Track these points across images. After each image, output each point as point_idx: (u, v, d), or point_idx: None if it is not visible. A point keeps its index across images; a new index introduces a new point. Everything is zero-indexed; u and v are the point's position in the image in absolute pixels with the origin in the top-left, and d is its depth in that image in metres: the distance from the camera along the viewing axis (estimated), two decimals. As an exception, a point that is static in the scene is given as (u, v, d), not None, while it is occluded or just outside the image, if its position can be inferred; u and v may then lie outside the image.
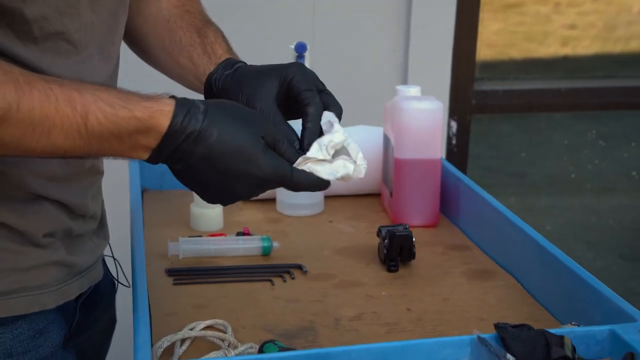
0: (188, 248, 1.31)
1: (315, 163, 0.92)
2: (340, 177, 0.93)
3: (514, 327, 0.90)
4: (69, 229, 1.03)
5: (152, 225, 1.39)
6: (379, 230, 1.31)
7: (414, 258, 1.29)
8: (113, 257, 1.23)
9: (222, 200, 0.94)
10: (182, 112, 0.87)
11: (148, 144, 0.88)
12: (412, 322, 1.11)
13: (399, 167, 1.45)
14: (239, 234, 1.38)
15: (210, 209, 1.42)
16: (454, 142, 2.37)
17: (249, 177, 0.89)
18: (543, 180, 2.91)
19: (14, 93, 0.82)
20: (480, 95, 2.43)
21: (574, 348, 0.86)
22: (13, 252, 0.97)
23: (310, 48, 1.48)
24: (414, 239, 1.28)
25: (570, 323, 1.02)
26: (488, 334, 0.90)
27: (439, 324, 1.11)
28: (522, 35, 2.78)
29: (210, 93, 1.07)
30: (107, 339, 1.27)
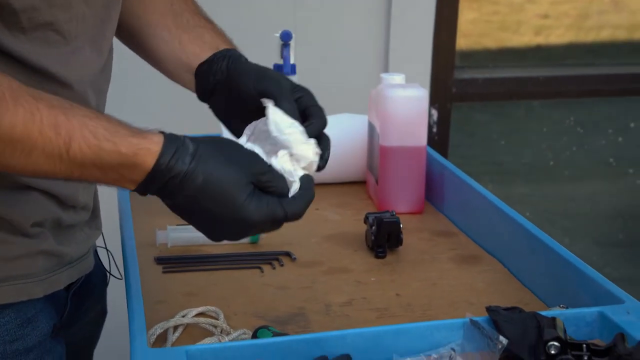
0: (176, 236, 1.31)
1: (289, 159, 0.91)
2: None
3: (506, 309, 0.91)
4: (59, 219, 1.03)
5: (140, 214, 1.38)
6: (366, 217, 1.32)
7: (402, 244, 1.30)
8: (106, 248, 1.23)
9: (212, 237, 0.92)
10: (169, 151, 0.85)
11: (133, 178, 0.86)
12: (402, 307, 1.12)
13: (385, 154, 1.46)
14: (227, 222, 1.38)
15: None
16: (435, 130, 2.38)
17: (237, 222, 0.87)
18: (521, 168, 2.94)
19: None
20: (461, 84, 2.44)
21: (565, 330, 0.88)
22: (1, 241, 0.97)
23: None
24: (402, 226, 1.29)
25: (559, 306, 1.04)
26: (480, 317, 0.91)
27: (429, 309, 1.12)
28: (496, 25, 2.80)
29: (208, 73, 1.05)
30: (97, 330, 1.27)
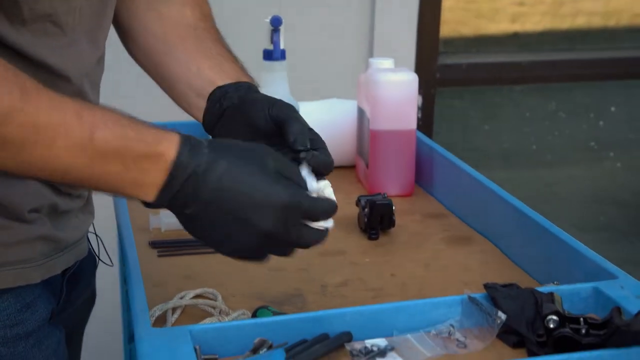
0: (170, 221, 1.31)
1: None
2: None
3: (503, 286, 0.93)
4: (55, 205, 1.03)
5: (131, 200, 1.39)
6: (359, 200, 1.33)
7: (394, 226, 1.31)
8: (95, 233, 1.23)
9: (229, 247, 0.89)
10: (187, 143, 0.84)
11: (154, 180, 0.83)
12: (397, 286, 1.14)
13: (375, 138, 1.47)
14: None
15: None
16: (419, 115, 2.40)
17: (265, 205, 0.84)
18: (503, 152, 2.96)
19: (19, 94, 0.79)
20: (444, 69, 2.46)
21: (562, 304, 0.90)
22: (0, 227, 0.97)
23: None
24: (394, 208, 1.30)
25: (552, 283, 1.06)
26: (478, 294, 0.93)
27: (423, 288, 1.13)
28: (473, 13, 2.81)
29: (219, 103, 1.05)
30: (87, 314, 1.27)
